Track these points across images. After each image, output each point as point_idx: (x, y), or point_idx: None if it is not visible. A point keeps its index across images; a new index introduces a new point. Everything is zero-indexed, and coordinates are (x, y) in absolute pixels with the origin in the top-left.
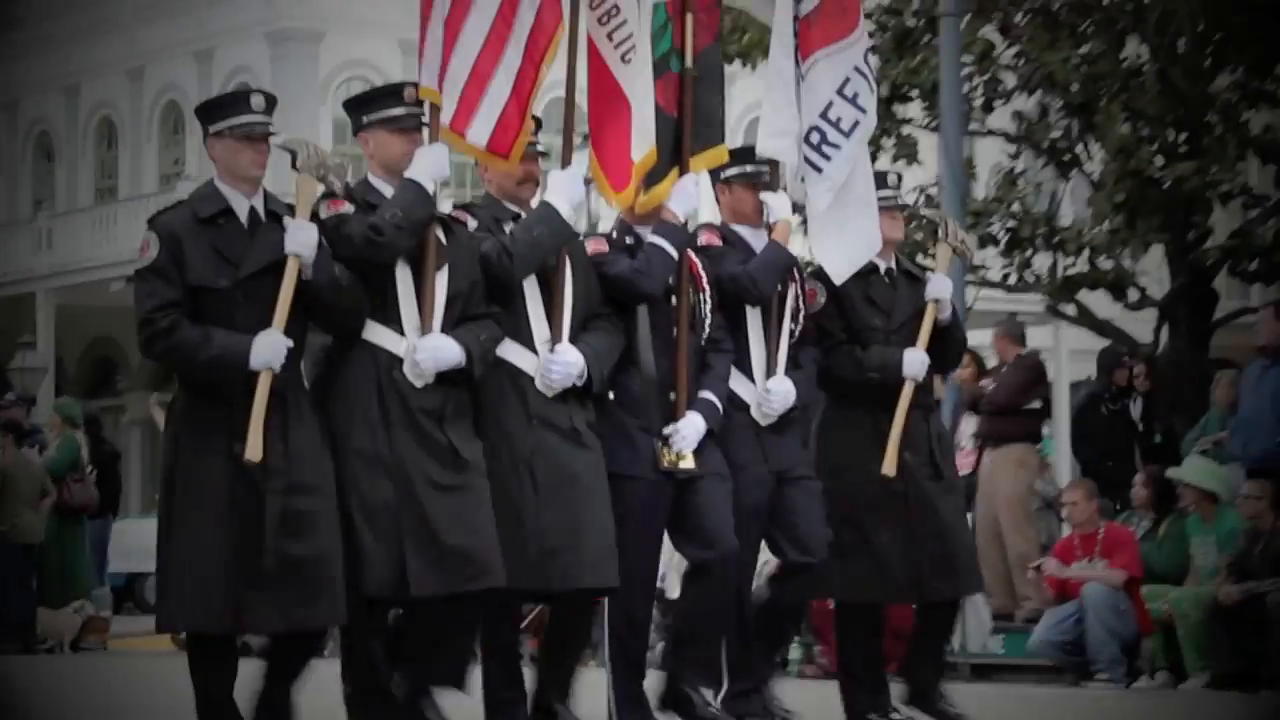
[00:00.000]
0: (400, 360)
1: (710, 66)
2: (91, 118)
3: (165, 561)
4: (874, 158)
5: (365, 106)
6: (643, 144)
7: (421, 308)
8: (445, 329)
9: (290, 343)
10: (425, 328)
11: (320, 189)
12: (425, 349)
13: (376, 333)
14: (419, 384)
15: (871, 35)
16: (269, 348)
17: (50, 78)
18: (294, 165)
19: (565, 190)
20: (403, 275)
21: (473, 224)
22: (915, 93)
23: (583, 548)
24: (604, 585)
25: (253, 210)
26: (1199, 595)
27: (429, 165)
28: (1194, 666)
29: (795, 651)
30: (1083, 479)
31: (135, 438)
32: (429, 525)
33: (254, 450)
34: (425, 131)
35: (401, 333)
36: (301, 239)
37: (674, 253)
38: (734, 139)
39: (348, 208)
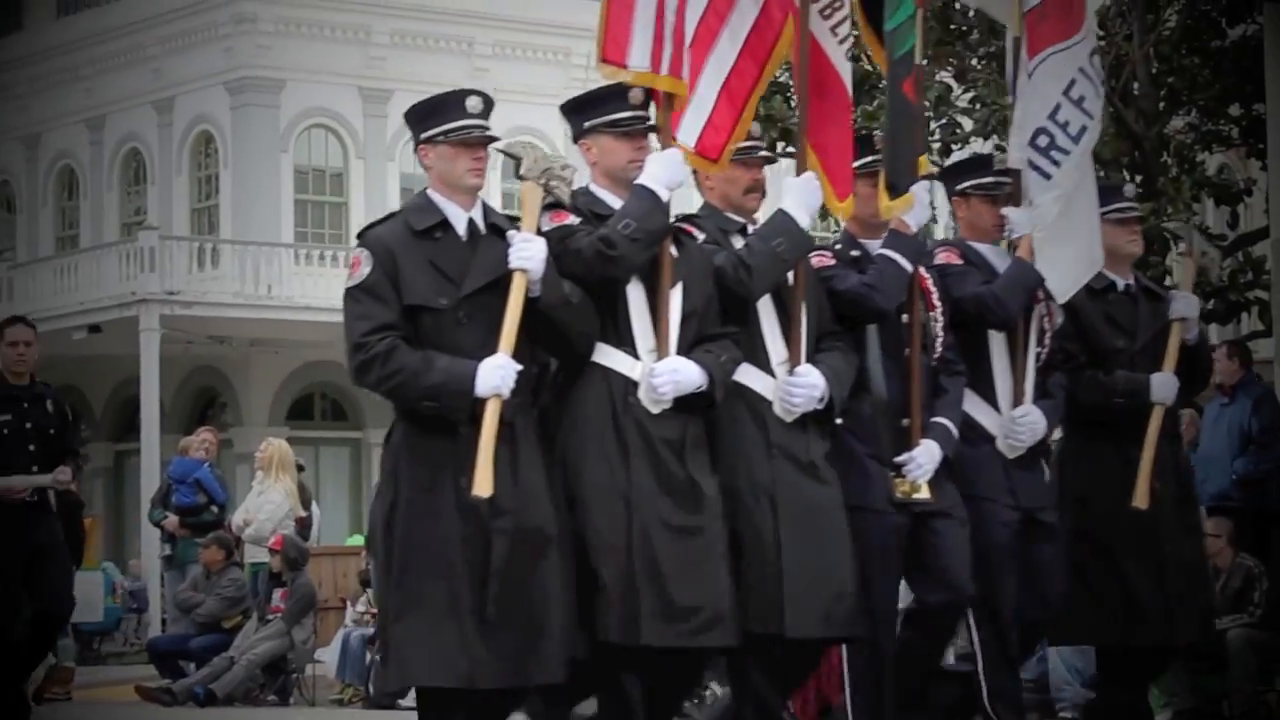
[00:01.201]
0: (635, 385)
1: None
2: (52, 167)
3: (394, 610)
4: None
5: (587, 110)
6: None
7: (656, 327)
8: (681, 350)
9: (519, 367)
10: (661, 349)
11: (544, 198)
12: (663, 372)
13: (608, 356)
14: (655, 410)
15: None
16: (497, 372)
17: (10, 128)
18: (517, 172)
19: (803, 199)
20: (635, 292)
21: (700, 236)
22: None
23: (825, 593)
24: (846, 635)
25: (471, 222)
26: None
27: (662, 171)
28: (1156, 704)
29: None
30: None
31: (98, 487)
32: (659, 573)
33: (483, 485)
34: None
35: (635, 355)
36: (529, 252)
37: (908, 266)
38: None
39: (572, 219)
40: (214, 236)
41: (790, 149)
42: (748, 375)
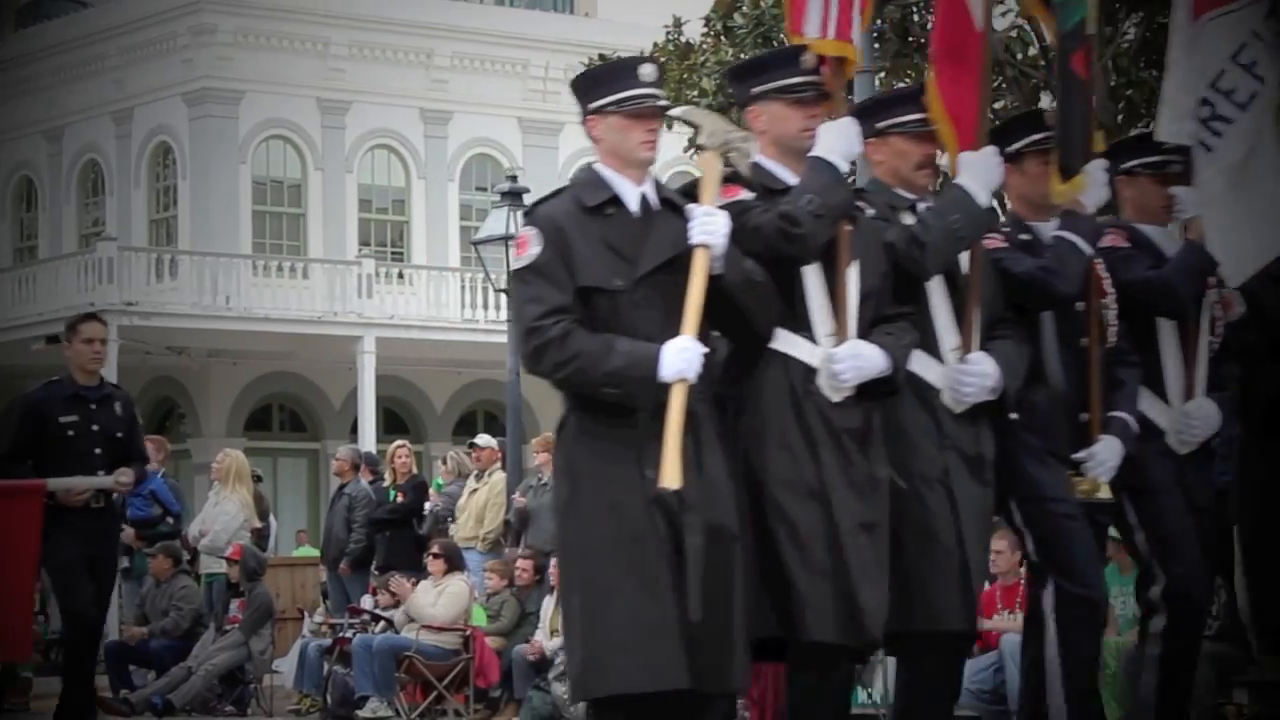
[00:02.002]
0: (814, 372)
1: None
2: (10, 178)
3: (584, 612)
4: None
5: (756, 75)
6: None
7: (835, 310)
8: (859, 333)
9: (705, 349)
10: (841, 333)
11: (723, 170)
12: (845, 357)
13: (786, 340)
14: (836, 398)
15: None
16: (682, 355)
17: None
18: (695, 142)
19: (981, 174)
20: (813, 272)
21: (870, 212)
22: None
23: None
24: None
25: (644, 198)
26: (1119, 645)
27: (838, 141)
28: (1114, 716)
29: None
30: (1006, 530)
31: None
32: (848, 571)
33: (672, 477)
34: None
35: (814, 339)
36: (711, 227)
37: (1087, 249)
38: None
39: (745, 194)
40: (172, 247)
41: None
42: (916, 361)
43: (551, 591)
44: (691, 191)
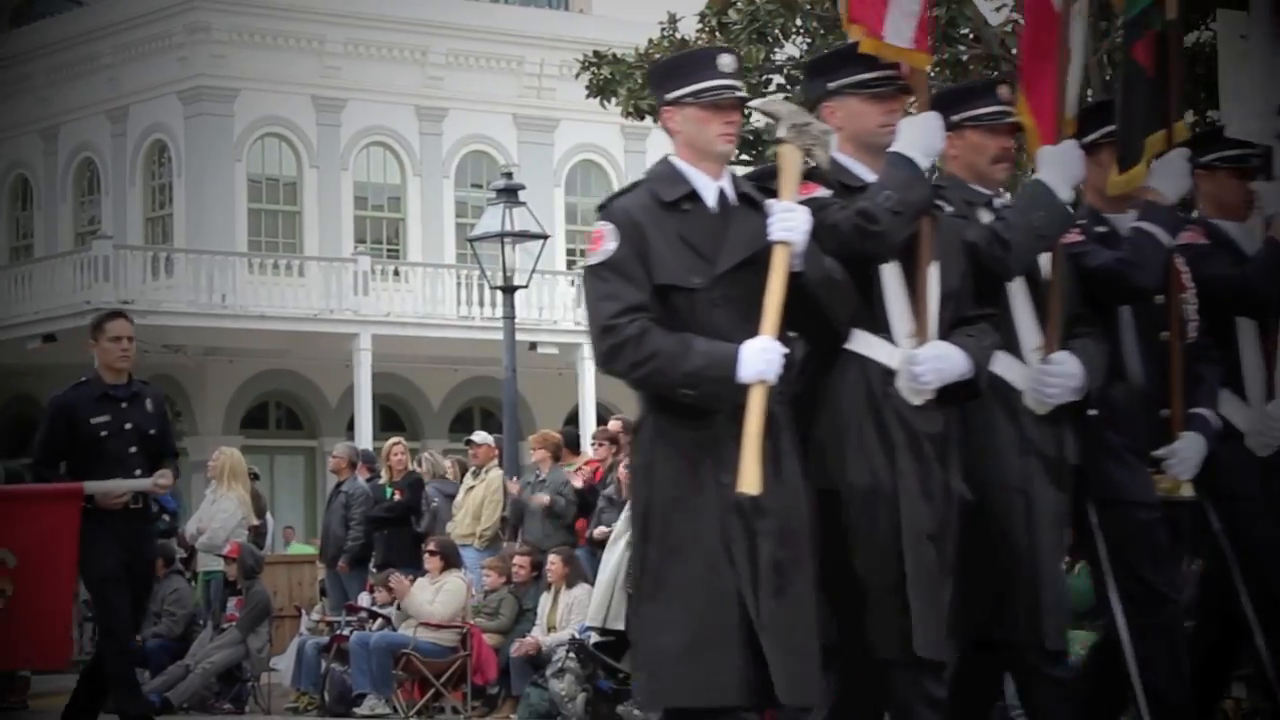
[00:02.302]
0: (893, 374)
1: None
2: (5, 177)
3: (653, 621)
4: None
5: (831, 70)
6: (1072, 105)
7: (915, 310)
8: (939, 335)
9: (785, 350)
10: (921, 334)
11: (803, 164)
12: (926, 359)
13: (864, 342)
14: (916, 401)
15: (782, 89)
16: (762, 356)
17: None
18: (775, 135)
19: (1062, 168)
20: (892, 271)
21: (948, 209)
22: None
23: (1065, 606)
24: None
25: (721, 193)
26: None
27: (919, 137)
28: None
29: None
30: None
31: None
32: (923, 583)
33: (751, 481)
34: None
35: (893, 341)
36: (791, 223)
37: (1167, 240)
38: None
39: (822, 191)
40: (168, 246)
41: (744, 157)
42: (998, 363)
43: (549, 588)
44: (764, 183)
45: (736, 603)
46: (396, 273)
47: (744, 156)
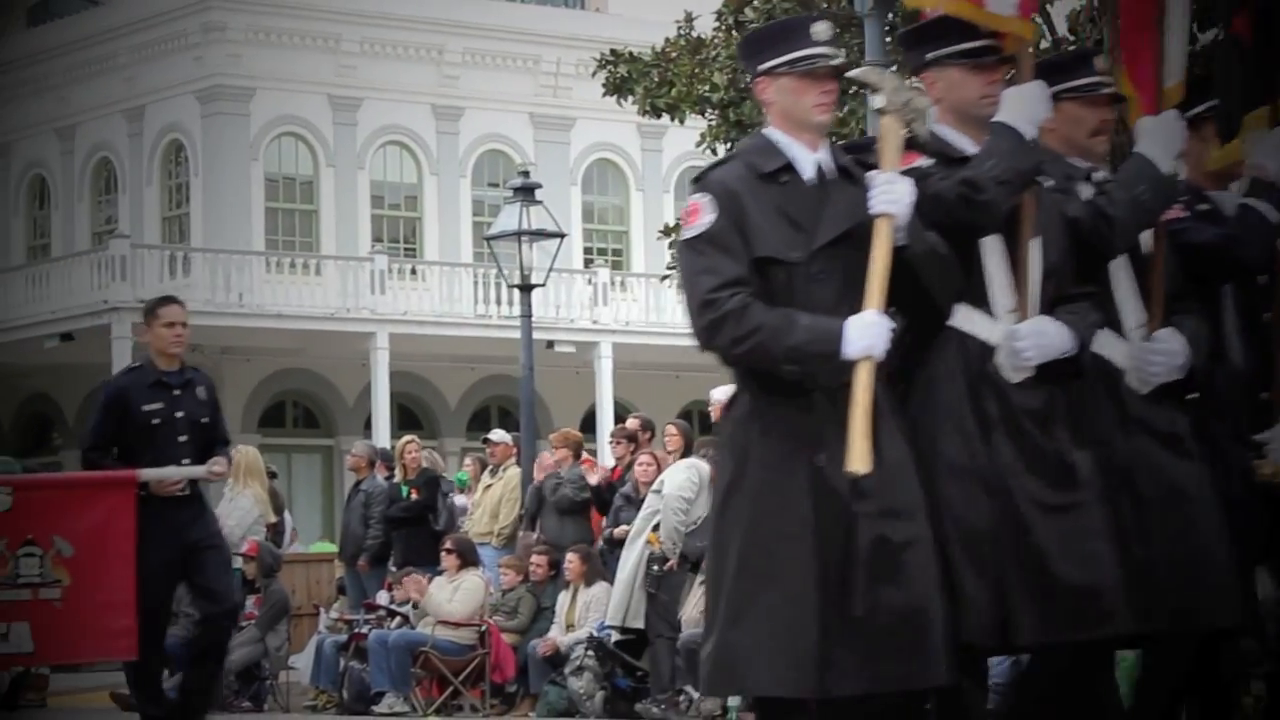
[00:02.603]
0: (993, 350)
1: None
2: (23, 176)
3: (730, 604)
4: None
5: (931, 41)
6: (1174, 75)
7: (1017, 285)
8: (1041, 312)
9: (892, 325)
10: (1022, 310)
11: (904, 134)
12: (1028, 335)
13: (965, 317)
14: (1016, 378)
15: None
16: (869, 331)
17: None
18: (875, 106)
19: (1163, 140)
20: (993, 245)
21: (1048, 183)
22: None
23: (1200, 581)
24: (1228, 624)
25: (819, 165)
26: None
27: (1024, 106)
28: (1129, 703)
29: (734, 699)
30: None
31: None
32: (1038, 557)
33: (861, 459)
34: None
35: (993, 316)
36: (893, 195)
37: (1275, 218)
38: (666, 186)
39: (923, 161)
40: (185, 245)
41: None
42: (1100, 341)
43: (567, 586)
44: (859, 155)
45: (813, 590)
46: (413, 271)
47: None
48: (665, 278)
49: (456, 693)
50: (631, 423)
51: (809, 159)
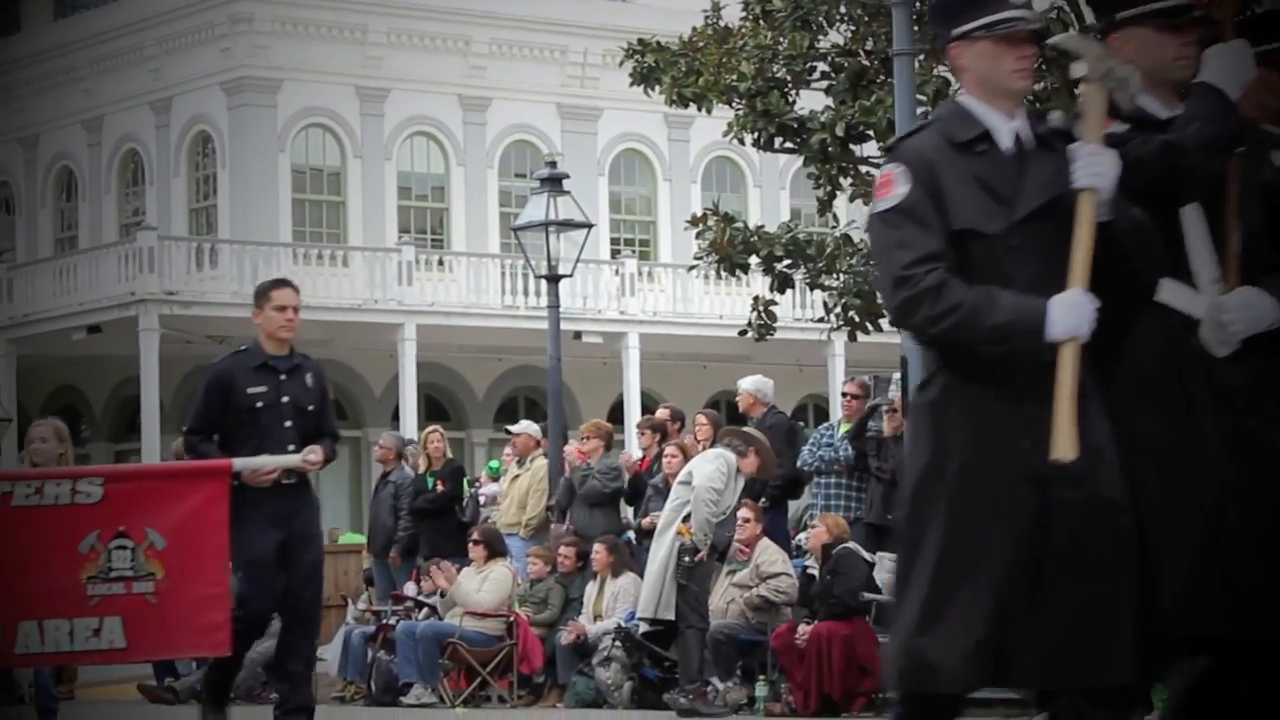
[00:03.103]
0: (1196, 323)
1: None
2: (50, 169)
3: (930, 599)
4: (832, 196)
5: (1122, 2)
6: None
7: (1221, 255)
8: (1244, 282)
9: (1097, 304)
10: (1227, 280)
11: (1105, 104)
12: (1235, 307)
13: (1166, 290)
14: (1222, 352)
15: (826, 76)
16: (1074, 310)
17: (9, 129)
18: (1076, 75)
19: None
20: (1193, 213)
21: (1239, 149)
22: (871, 132)
23: None
24: None
25: (1017, 134)
26: None
27: (1229, 66)
28: (1159, 696)
29: (762, 689)
30: None
31: None
32: (1233, 547)
33: (1066, 447)
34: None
35: (1196, 289)
36: (1098, 167)
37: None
38: (693, 176)
39: (1118, 126)
40: (212, 236)
41: (788, 144)
42: None
43: (594, 577)
44: (1050, 118)
45: (1018, 580)
46: (441, 262)
47: (788, 144)
48: (692, 268)
49: (484, 684)
50: (661, 413)
51: (1006, 127)
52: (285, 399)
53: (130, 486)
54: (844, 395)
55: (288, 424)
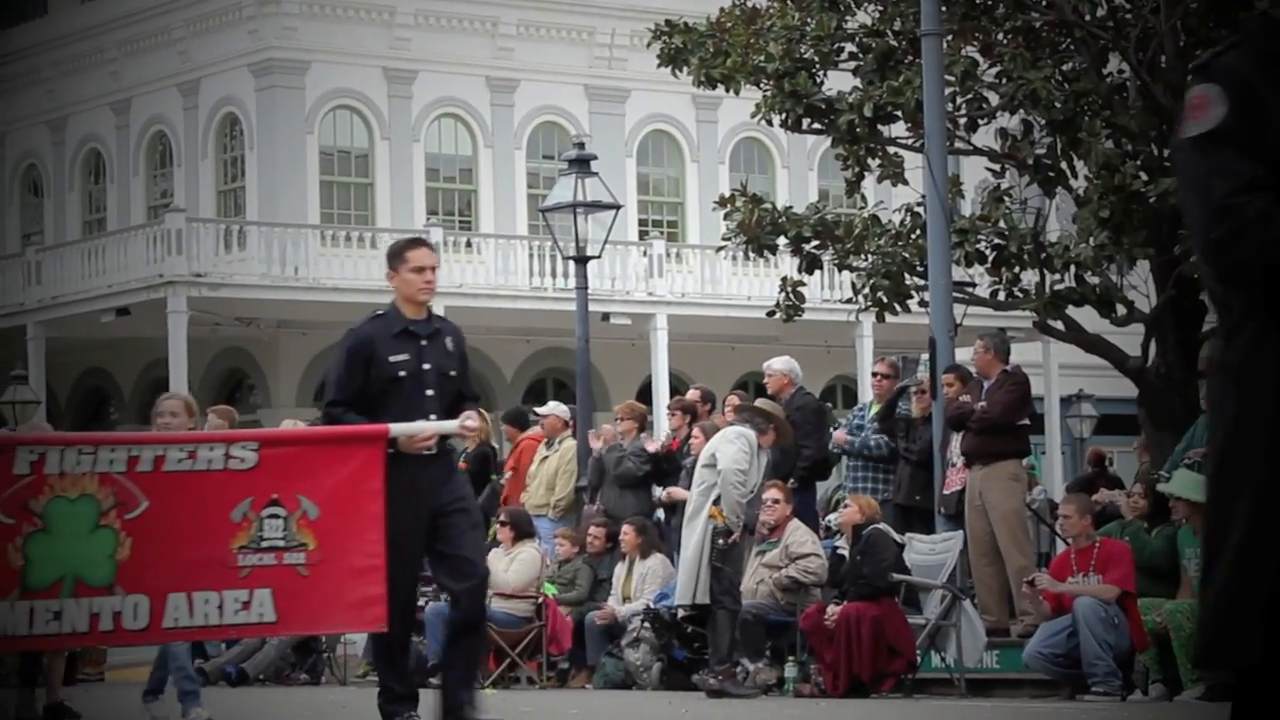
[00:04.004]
0: None
1: None
2: (78, 151)
3: (1244, 560)
4: (860, 177)
5: None
6: None
7: None
8: None
9: None
10: None
11: None
12: None
13: None
14: None
15: (854, 57)
16: None
17: (36, 112)
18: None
19: None
20: None
21: None
22: (899, 113)
23: None
24: None
25: None
26: (1193, 607)
27: None
28: (1189, 679)
29: (791, 670)
30: (1076, 494)
31: None
32: None
33: None
34: None
35: None
36: None
37: None
38: (721, 158)
39: None
40: (240, 218)
41: (816, 125)
42: None
43: (623, 558)
44: None
45: None
46: (469, 244)
47: (816, 125)
48: (720, 249)
49: (514, 664)
50: (691, 394)
51: None
52: (427, 366)
53: (284, 452)
54: (874, 375)
55: (429, 392)
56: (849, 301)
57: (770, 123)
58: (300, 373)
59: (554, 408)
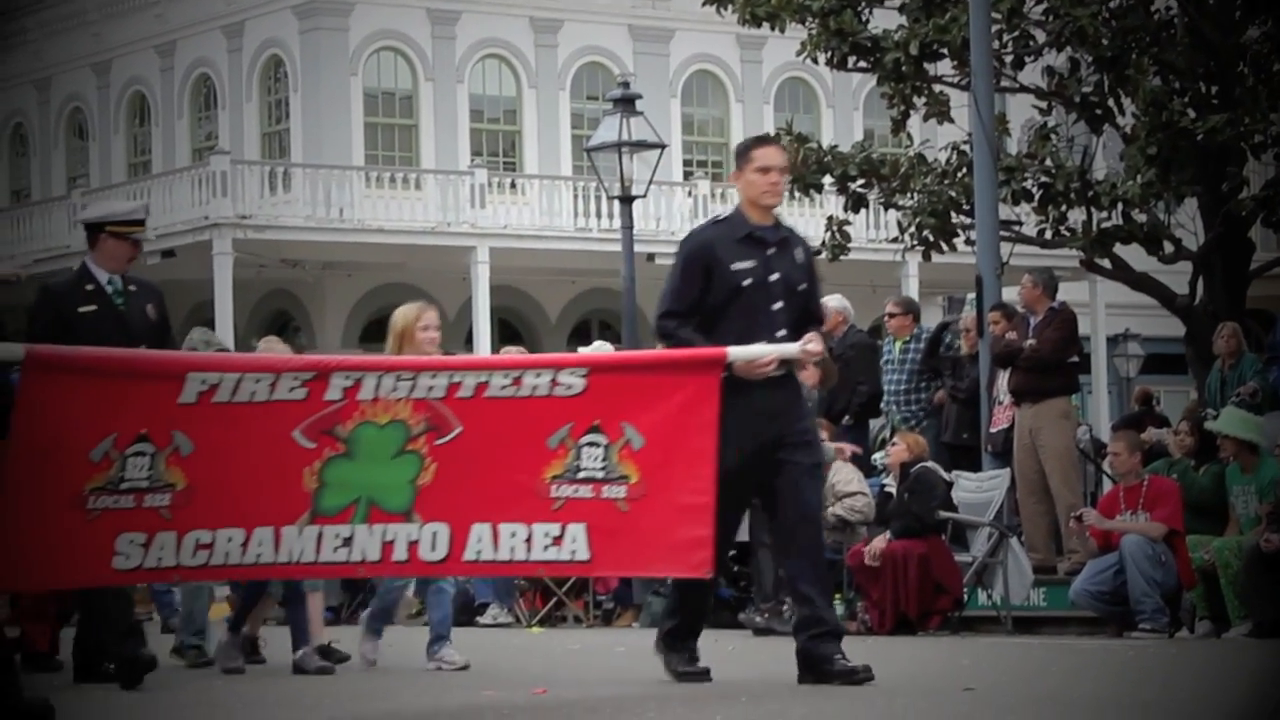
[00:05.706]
0: None
1: None
2: (123, 94)
3: None
4: (906, 115)
5: None
6: None
7: None
8: None
9: None
10: None
11: None
12: None
13: None
14: None
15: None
16: None
17: (81, 55)
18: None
19: None
20: None
21: None
22: (945, 51)
23: None
24: None
25: None
26: (1240, 544)
27: None
28: (1236, 616)
29: (838, 608)
30: (1125, 431)
31: None
32: None
33: None
34: None
35: None
36: None
37: None
38: (766, 97)
39: None
40: (285, 160)
41: (861, 64)
42: None
43: None
44: None
45: None
46: (513, 185)
47: (861, 63)
48: None
49: (560, 604)
50: None
51: None
52: (775, 276)
53: (614, 378)
54: (888, 316)
55: (776, 306)
56: (895, 240)
57: (815, 61)
58: (346, 314)
59: (599, 347)
